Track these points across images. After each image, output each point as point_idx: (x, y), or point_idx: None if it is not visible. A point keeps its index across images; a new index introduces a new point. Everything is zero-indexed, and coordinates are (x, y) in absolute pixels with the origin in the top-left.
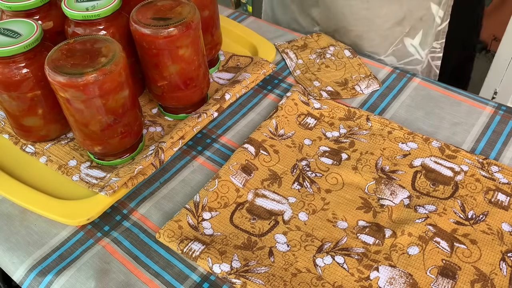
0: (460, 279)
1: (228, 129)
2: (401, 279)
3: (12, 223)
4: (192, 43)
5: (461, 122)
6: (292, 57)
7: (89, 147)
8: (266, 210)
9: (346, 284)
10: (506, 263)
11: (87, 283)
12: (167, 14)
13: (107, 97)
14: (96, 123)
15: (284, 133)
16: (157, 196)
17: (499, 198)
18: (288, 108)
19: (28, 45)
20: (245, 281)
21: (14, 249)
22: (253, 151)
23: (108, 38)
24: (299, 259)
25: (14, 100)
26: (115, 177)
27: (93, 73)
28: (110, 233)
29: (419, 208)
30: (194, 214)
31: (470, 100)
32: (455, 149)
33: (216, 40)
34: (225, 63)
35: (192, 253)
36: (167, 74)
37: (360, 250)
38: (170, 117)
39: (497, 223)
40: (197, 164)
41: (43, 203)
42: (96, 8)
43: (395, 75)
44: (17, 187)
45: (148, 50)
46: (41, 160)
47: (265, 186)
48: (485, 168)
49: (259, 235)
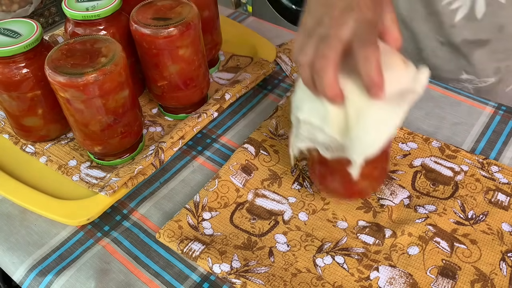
0: (460, 279)
1: (228, 129)
2: (401, 279)
3: (12, 223)
4: (192, 43)
5: (461, 122)
6: (286, 61)
7: (89, 147)
8: (266, 210)
9: (346, 284)
10: (506, 263)
11: (87, 283)
12: (167, 14)
13: (107, 97)
14: (96, 123)
15: (284, 133)
16: (157, 196)
17: (499, 198)
18: (288, 108)
19: (28, 45)
20: (245, 281)
21: (14, 249)
22: (253, 151)
23: (108, 38)
24: (299, 259)
25: (14, 100)
26: (115, 177)
27: (93, 73)
28: (110, 233)
29: (419, 208)
30: (194, 214)
31: (470, 100)
32: (455, 149)
33: (216, 40)
34: (225, 63)
35: (192, 253)
36: (167, 74)
37: (360, 250)
38: (170, 117)
39: (497, 223)
40: (197, 164)
41: (43, 203)
42: (96, 8)
43: None
44: (17, 187)
45: (148, 50)
46: (41, 160)
47: (265, 186)
48: (485, 168)
49: (259, 235)
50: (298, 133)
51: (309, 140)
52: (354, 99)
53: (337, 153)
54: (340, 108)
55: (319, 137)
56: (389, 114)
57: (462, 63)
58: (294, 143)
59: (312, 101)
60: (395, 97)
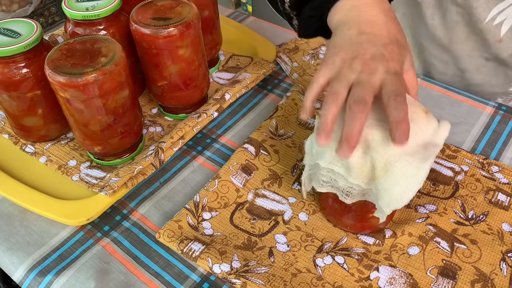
0: (460, 279)
1: (228, 129)
2: (401, 279)
3: (12, 223)
4: (192, 43)
5: (461, 122)
6: (286, 61)
7: (89, 147)
8: (266, 210)
9: (346, 284)
10: (506, 263)
11: (87, 283)
12: (167, 14)
13: (107, 97)
14: (96, 123)
15: (284, 133)
16: (157, 196)
17: (500, 198)
18: (288, 108)
19: (28, 45)
20: (245, 281)
21: (14, 249)
22: (253, 151)
23: (108, 38)
24: (299, 259)
25: (14, 100)
26: (115, 177)
27: (93, 73)
28: (110, 233)
29: (419, 208)
30: (194, 214)
31: (470, 100)
32: (456, 149)
33: (216, 40)
34: (225, 63)
35: (192, 253)
36: (167, 74)
37: (360, 250)
38: (170, 117)
39: (497, 223)
40: (197, 164)
41: (43, 203)
42: (96, 8)
43: None
44: (17, 187)
45: (148, 50)
46: (41, 160)
47: (265, 186)
48: (485, 168)
49: (259, 235)
50: (316, 177)
51: (329, 185)
52: (379, 149)
53: (357, 198)
54: (363, 158)
55: (340, 183)
56: (416, 168)
57: (510, 76)
58: (307, 183)
59: (334, 150)
60: (419, 149)
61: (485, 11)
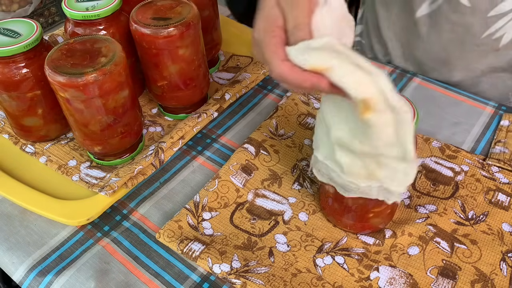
0: (460, 279)
1: (228, 129)
2: (401, 279)
3: (12, 223)
4: (192, 43)
5: (461, 122)
6: None
7: (89, 147)
8: (266, 210)
9: (346, 284)
10: (506, 263)
11: (87, 283)
12: (167, 14)
13: (107, 97)
14: (96, 123)
15: (284, 133)
16: (157, 196)
17: (500, 198)
18: (288, 108)
19: (28, 45)
20: (245, 281)
21: (14, 249)
22: (253, 151)
23: (108, 38)
24: (299, 259)
25: (14, 100)
26: (115, 177)
27: (93, 73)
28: (110, 233)
29: (419, 208)
30: (194, 214)
31: (470, 100)
32: (456, 149)
33: (216, 40)
34: (225, 63)
35: (192, 253)
36: (167, 74)
37: (360, 250)
38: (170, 117)
39: (498, 223)
40: (197, 164)
41: (43, 203)
42: (96, 8)
43: (395, 76)
44: (17, 187)
45: (148, 50)
46: (41, 160)
47: (265, 186)
48: (485, 168)
49: (259, 235)
50: (317, 166)
51: (327, 177)
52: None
53: (354, 194)
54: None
55: (336, 179)
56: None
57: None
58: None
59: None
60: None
61: (482, 27)
